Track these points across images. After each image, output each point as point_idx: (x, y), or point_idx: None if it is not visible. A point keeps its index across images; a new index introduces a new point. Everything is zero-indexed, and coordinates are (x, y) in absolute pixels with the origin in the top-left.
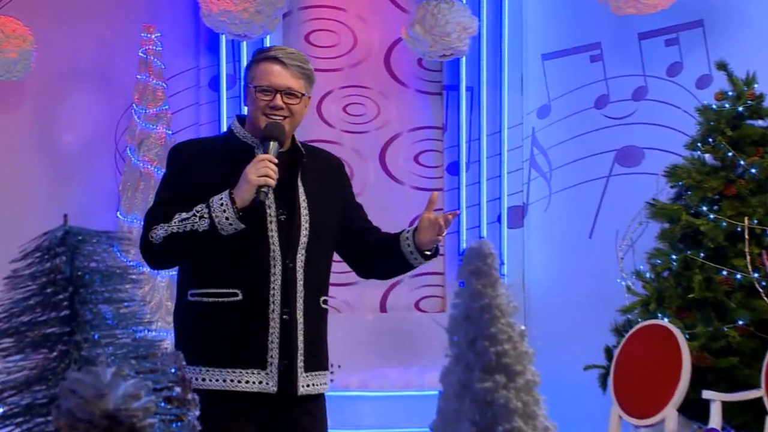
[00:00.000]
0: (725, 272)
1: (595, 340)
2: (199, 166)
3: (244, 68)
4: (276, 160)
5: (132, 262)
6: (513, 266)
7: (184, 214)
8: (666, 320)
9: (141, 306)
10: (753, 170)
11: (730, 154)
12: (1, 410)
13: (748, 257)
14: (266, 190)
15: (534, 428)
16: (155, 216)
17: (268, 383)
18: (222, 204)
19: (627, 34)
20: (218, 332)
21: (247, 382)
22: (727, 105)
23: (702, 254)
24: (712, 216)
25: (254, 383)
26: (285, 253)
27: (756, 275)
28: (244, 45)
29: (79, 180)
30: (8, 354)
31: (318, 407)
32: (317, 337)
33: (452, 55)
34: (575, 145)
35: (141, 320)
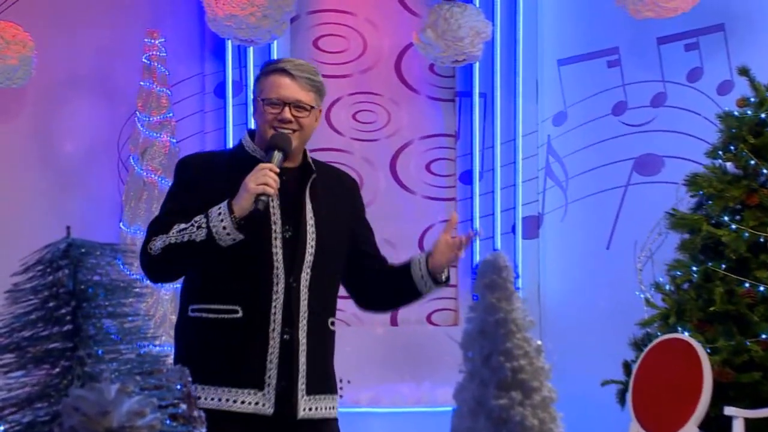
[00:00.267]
0: (747, 284)
1: (613, 355)
2: (205, 180)
3: (253, 81)
4: (277, 169)
5: (136, 275)
6: (528, 279)
7: (183, 225)
8: (686, 334)
9: (145, 320)
10: None
11: (753, 162)
12: (2, 428)
13: None
14: (265, 199)
15: None
16: (155, 228)
17: (265, 404)
18: (220, 214)
19: (645, 39)
20: (216, 349)
21: (243, 403)
22: (749, 112)
23: (723, 266)
24: (734, 226)
25: (250, 404)
26: (289, 271)
27: None
28: (251, 50)
29: (81, 190)
30: (9, 370)
31: None
32: (322, 360)
33: (465, 61)
34: (592, 153)
35: (145, 335)
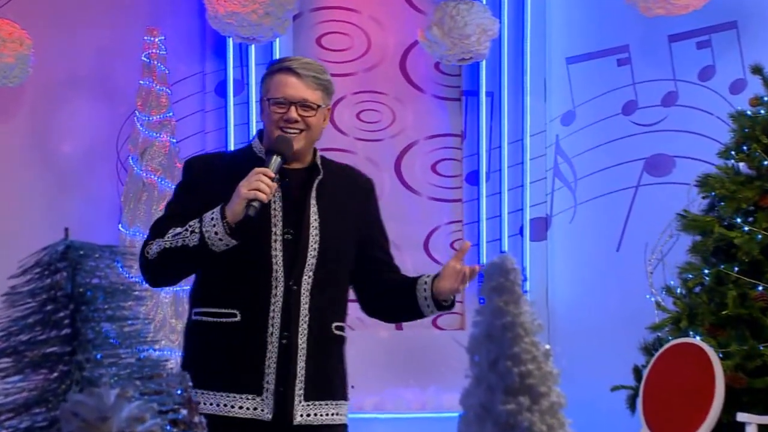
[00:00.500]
0: (761, 287)
1: (623, 360)
2: (209, 181)
3: (260, 81)
4: (273, 174)
5: (135, 278)
6: (536, 281)
7: (179, 229)
8: (698, 338)
9: (145, 324)
10: None
11: (766, 163)
12: None
13: None
14: (256, 206)
15: None
16: (154, 231)
17: (263, 410)
18: (213, 219)
19: (656, 37)
20: (215, 353)
21: (241, 408)
22: (763, 111)
23: (736, 268)
24: (747, 228)
25: (248, 409)
26: (289, 274)
27: None
28: (253, 48)
29: (79, 191)
30: (6, 375)
31: None
32: (324, 365)
33: (471, 59)
34: (602, 154)
35: (145, 339)
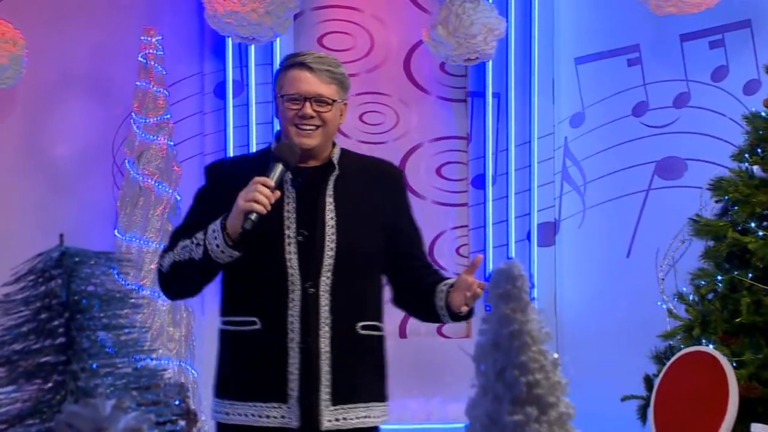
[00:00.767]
0: None
1: (634, 369)
2: (226, 187)
3: (273, 78)
4: (272, 184)
5: (132, 285)
6: (544, 288)
7: (186, 241)
8: (711, 347)
9: (142, 332)
10: None
11: None
12: None
13: None
14: (253, 218)
15: None
16: (169, 242)
17: (290, 418)
18: (214, 231)
19: (668, 36)
20: (239, 363)
21: (268, 417)
22: None
23: (750, 275)
24: (761, 233)
25: (275, 418)
26: (305, 277)
27: None
28: (252, 48)
29: (74, 196)
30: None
31: None
32: (351, 367)
33: (477, 59)
34: (611, 157)
35: (142, 348)
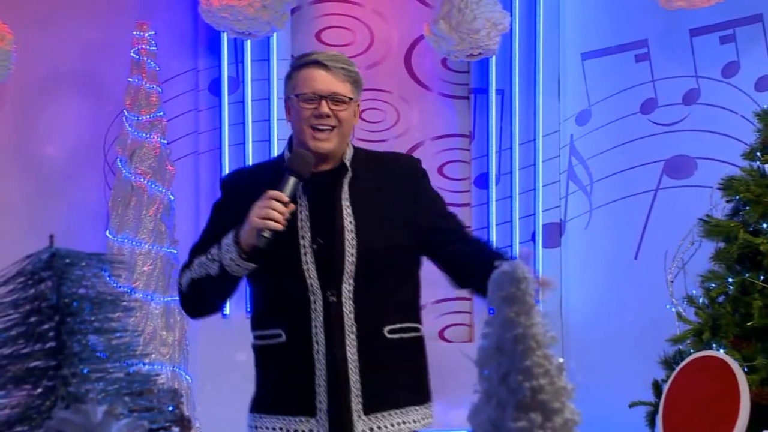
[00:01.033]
0: None
1: (642, 374)
2: (241, 199)
3: (284, 80)
4: (286, 199)
5: (124, 288)
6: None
7: (202, 258)
8: (721, 351)
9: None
10: None
11: None
12: None
13: None
14: (267, 235)
15: None
16: (188, 261)
17: (320, 431)
18: (228, 245)
19: (677, 31)
20: (267, 377)
21: (296, 431)
22: None
23: (762, 277)
24: None
25: (304, 431)
26: (326, 285)
27: None
28: (248, 44)
29: (64, 196)
30: None
31: None
32: (383, 374)
33: (481, 55)
34: (619, 155)
35: (134, 352)
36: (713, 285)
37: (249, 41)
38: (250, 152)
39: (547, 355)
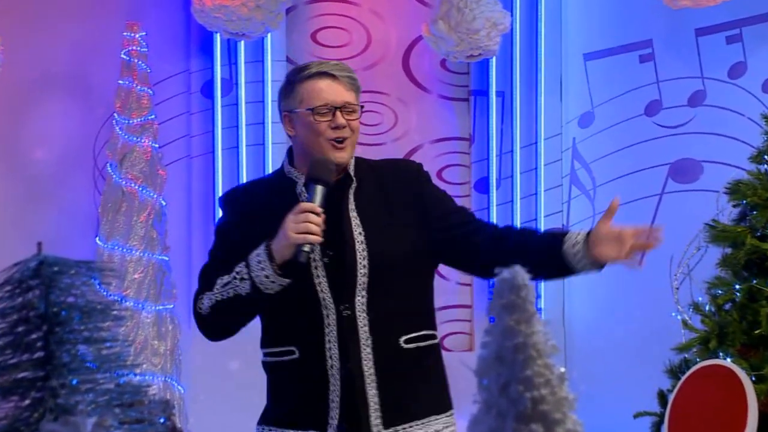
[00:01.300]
0: None
1: (647, 383)
2: (247, 218)
3: (279, 94)
4: (320, 210)
5: (114, 296)
6: (551, 298)
7: (226, 278)
8: (729, 360)
9: (125, 346)
10: None
11: None
12: None
13: None
14: (308, 249)
15: None
16: (202, 282)
17: None
18: (260, 262)
19: (682, 30)
20: (279, 392)
21: None
22: None
23: None
24: None
25: None
26: (338, 299)
27: None
28: (242, 45)
29: (53, 201)
30: None
31: None
32: (400, 385)
33: (481, 56)
34: (623, 159)
35: (125, 362)
36: (720, 292)
37: (243, 42)
38: (244, 156)
39: (549, 365)
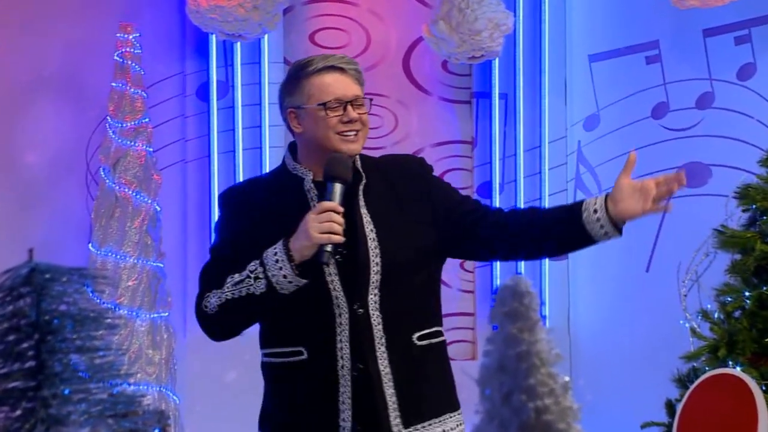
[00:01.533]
0: None
1: (654, 393)
2: (249, 216)
3: (282, 91)
4: (341, 209)
5: (107, 304)
6: (556, 306)
7: (237, 276)
8: (738, 369)
9: (119, 355)
10: None
11: None
12: None
13: None
14: (330, 250)
15: None
16: (206, 281)
17: None
18: (278, 261)
19: (690, 31)
20: (282, 395)
21: None
22: None
23: None
24: None
25: None
26: (351, 298)
27: None
28: (238, 46)
29: (44, 206)
30: None
31: None
32: (418, 384)
33: (483, 57)
34: None
35: (119, 372)
36: (729, 299)
37: (239, 43)
38: (241, 160)
39: (552, 374)
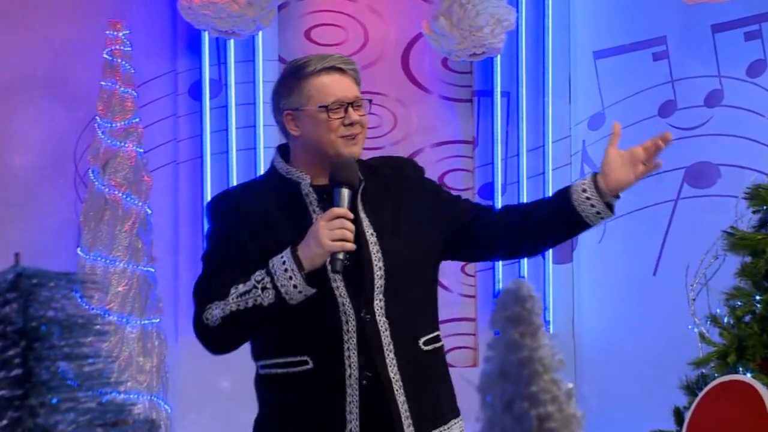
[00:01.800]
0: None
1: (662, 400)
2: (242, 223)
3: (277, 92)
4: (352, 216)
5: (97, 310)
6: (560, 311)
7: (242, 287)
8: (748, 375)
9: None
10: None
11: None
12: None
13: None
14: (342, 258)
15: None
16: (204, 292)
17: None
18: (287, 270)
19: (698, 27)
20: (283, 406)
21: None
22: None
23: None
24: None
25: None
26: (358, 304)
27: None
28: (231, 44)
29: (32, 209)
30: None
31: None
32: (427, 390)
33: (484, 54)
34: None
35: (108, 380)
36: (739, 303)
37: (232, 41)
38: (234, 161)
39: (555, 380)
